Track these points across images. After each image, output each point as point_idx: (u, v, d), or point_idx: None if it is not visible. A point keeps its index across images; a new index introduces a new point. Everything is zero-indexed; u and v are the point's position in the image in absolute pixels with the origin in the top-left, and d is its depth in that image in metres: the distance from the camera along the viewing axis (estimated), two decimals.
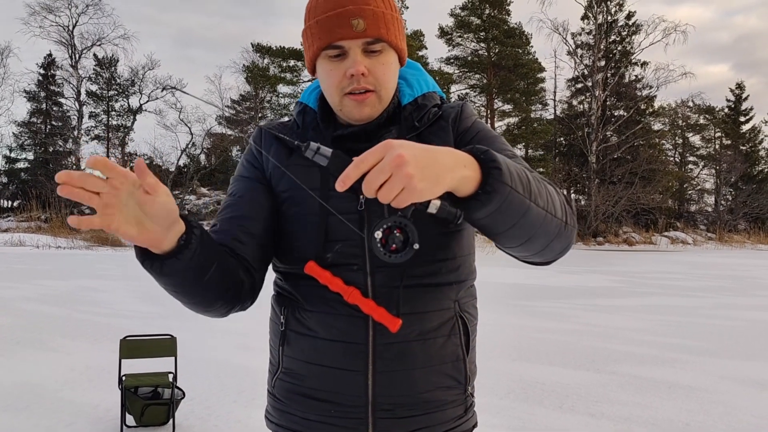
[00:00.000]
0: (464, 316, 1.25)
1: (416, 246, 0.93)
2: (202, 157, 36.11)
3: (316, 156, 0.91)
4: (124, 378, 4.00)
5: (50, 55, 34.60)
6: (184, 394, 4.07)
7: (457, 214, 0.93)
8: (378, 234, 0.93)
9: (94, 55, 34.35)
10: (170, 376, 4.09)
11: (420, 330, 1.19)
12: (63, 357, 5.80)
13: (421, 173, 0.85)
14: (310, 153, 0.91)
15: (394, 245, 0.94)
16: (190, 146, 34.44)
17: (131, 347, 4.08)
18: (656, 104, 35.93)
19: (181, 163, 34.61)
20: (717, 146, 40.88)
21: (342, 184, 0.86)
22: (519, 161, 1.19)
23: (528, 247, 1.07)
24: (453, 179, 0.90)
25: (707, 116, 40.20)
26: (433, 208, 0.91)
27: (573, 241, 1.13)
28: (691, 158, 41.09)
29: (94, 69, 34.80)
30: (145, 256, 1.01)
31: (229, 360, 5.74)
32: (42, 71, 34.53)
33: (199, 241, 1.04)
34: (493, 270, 14.45)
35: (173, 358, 4.14)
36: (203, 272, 1.07)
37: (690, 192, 39.90)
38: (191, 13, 68.32)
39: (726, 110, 40.93)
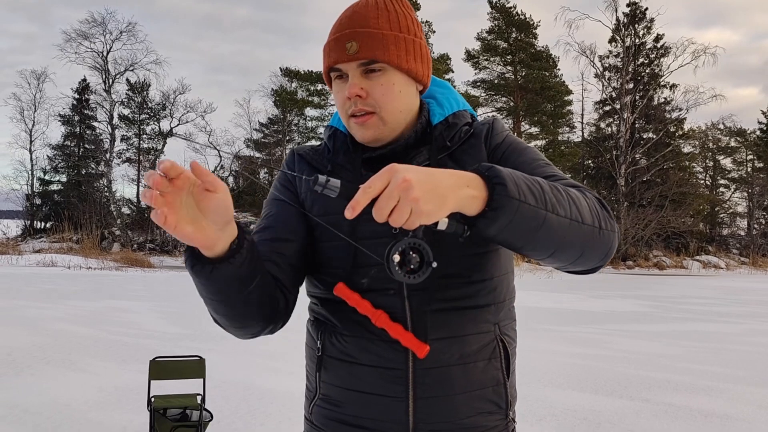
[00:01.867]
0: (504, 339, 1.23)
1: (434, 264, 0.95)
2: (231, 179, 36.49)
3: (325, 189, 0.92)
4: (153, 399, 4.00)
5: (84, 80, 35.40)
6: (212, 416, 4.06)
7: (464, 229, 0.95)
8: (396, 257, 0.94)
9: (127, 80, 35.06)
10: (198, 398, 4.08)
11: (460, 354, 1.17)
12: (92, 377, 5.84)
13: (426, 196, 0.87)
14: (319, 188, 0.92)
15: (411, 266, 0.95)
16: (218, 169, 34.85)
17: (160, 368, 4.08)
18: (686, 126, 35.50)
19: None
20: (749, 169, 40.18)
21: (352, 211, 0.87)
22: (552, 170, 1.18)
23: (559, 258, 1.05)
24: (457, 199, 0.91)
25: (738, 138, 39.58)
26: (441, 226, 0.93)
27: (613, 246, 1.10)
28: (722, 181, 40.41)
29: (126, 93, 35.49)
30: (195, 258, 1.00)
31: (257, 383, 5.72)
32: (76, 96, 35.30)
33: (249, 248, 1.03)
34: (521, 294, 14.23)
35: (202, 379, 4.13)
36: (248, 282, 1.06)
37: (722, 215, 39.18)
38: (223, 42, 69.72)
39: (758, 132, 40.29)
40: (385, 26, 1.17)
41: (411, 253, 0.94)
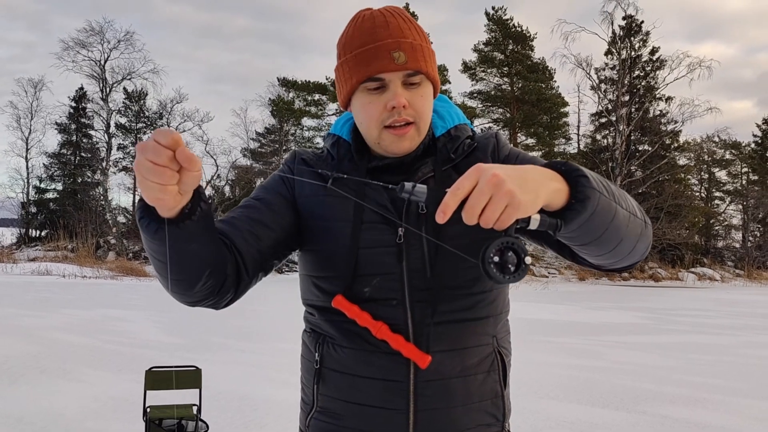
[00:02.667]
0: (502, 352, 1.24)
1: (529, 260, 0.91)
2: (227, 188, 36.47)
3: (412, 195, 0.90)
4: (148, 409, 3.98)
5: (82, 88, 35.41)
6: (207, 426, 4.04)
7: (558, 223, 0.93)
8: (495, 258, 0.89)
9: (124, 88, 35.09)
10: (194, 409, 4.06)
11: (461, 366, 1.17)
12: (87, 387, 5.81)
13: (521, 188, 0.85)
14: (405, 195, 0.89)
15: (510, 266, 0.90)
16: (215, 178, 34.85)
17: (156, 378, 4.07)
18: (681, 139, 35.66)
19: (206, 194, 35.00)
20: (744, 182, 40.33)
21: (443, 215, 0.85)
22: None
23: (618, 251, 1.06)
24: (547, 192, 0.90)
25: (733, 151, 39.75)
26: (534, 224, 0.91)
27: (651, 241, 1.12)
28: (717, 193, 40.55)
29: (123, 102, 35.52)
30: (146, 211, 0.98)
31: (253, 393, 5.70)
32: (73, 104, 35.31)
33: (202, 216, 1.01)
34: (518, 305, 14.25)
35: (197, 390, 4.12)
36: (194, 249, 1.03)
37: (717, 228, 39.27)
38: (222, 51, 69.88)
39: (753, 145, 40.47)
40: (417, 37, 1.18)
41: (509, 252, 0.90)
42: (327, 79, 33.67)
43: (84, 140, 35.53)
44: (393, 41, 1.15)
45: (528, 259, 0.91)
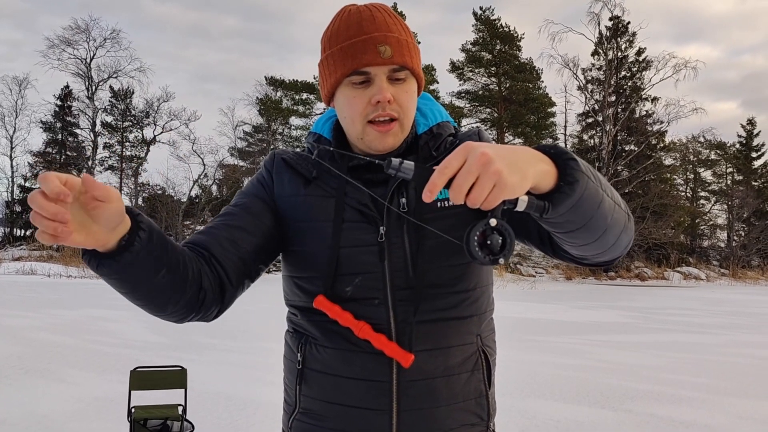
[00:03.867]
0: (486, 351, 1.23)
1: (514, 241, 0.89)
2: (214, 188, 36.33)
3: (399, 172, 0.88)
4: (133, 410, 3.95)
5: (67, 86, 35.17)
6: (193, 427, 4.01)
7: (545, 205, 0.91)
8: (480, 239, 0.88)
9: (110, 87, 34.90)
10: (180, 409, 4.04)
11: (445, 366, 1.16)
12: (71, 387, 5.76)
13: (509, 168, 0.83)
14: (392, 171, 0.88)
15: (494, 247, 0.88)
16: (202, 177, 34.70)
17: (141, 378, 4.03)
18: (667, 139, 35.93)
19: (193, 193, 34.85)
20: (729, 182, 40.71)
21: (429, 194, 0.83)
22: None
23: (602, 242, 1.04)
24: (536, 173, 0.89)
25: (718, 152, 40.11)
26: (521, 205, 0.89)
27: (633, 236, 1.11)
28: (702, 193, 40.91)
29: (109, 101, 35.33)
30: (85, 250, 0.97)
31: (239, 393, 5.67)
32: (59, 102, 35.05)
33: (144, 244, 0.99)
34: (505, 304, 14.33)
35: (183, 390, 4.09)
36: (150, 272, 1.02)
37: (702, 227, 39.62)
38: (210, 50, 69.48)
39: (737, 146, 40.85)
40: (403, 33, 1.17)
41: (494, 233, 0.88)
42: (314, 78, 33.63)
43: (69, 139, 35.30)
44: (380, 35, 1.14)
45: (513, 242, 0.89)
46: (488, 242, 0.88)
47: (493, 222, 0.88)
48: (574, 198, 0.92)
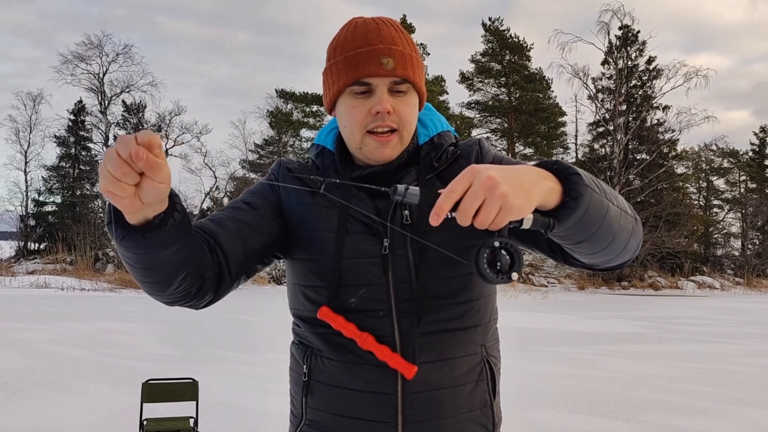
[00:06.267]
0: (490, 360, 1.23)
1: (523, 260, 0.91)
2: (225, 200, 36.45)
3: (405, 198, 0.90)
4: (145, 422, 3.96)
5: (80, 101, 35.46)
6: None
7: (551, 222, 0.93)
8: (488, 258, 0.89)
9: (123, 101, 35.16)
10: (191, 421, 4.04)
11: (450, 377, 1.17)
12: (84, 400, 5.78)
13: (515, 191, 0.85)
14: (398, 197, 0.90)
15: (503, 266, 0.89)
16: (213, 190, 34.86)
17: (153, 391, 4.05)
18: (679, 148, 35.71)
19: (204, 206, 35.00)
20: (742, 189, 40.37)
21: (436, 217, 0.85)
22: None
23: (611, 249, 1.06)
24: (541, 192, 0.90)
25: (731, 160, 39.81)
26: (527, 223, 0.91)
27: (642, 239, 1.12)
28: (716, 202, 40.57)
29: (122, 115, 35.57)
30: (113, 218, 0.96)
31: (250, 405, 5.68)
32: (72, 117, 35.35)
33: (176, 226, 0.99)
34: (516, 315, 14.27)
35: (194, 402, 4.10)
36: (168, 256, 1.01)
37: (716, 236, 39.27)
38: (224, 64, 70.15)
39: (750, 154, 40.55)
40: (408, 47, 1.19)
41: (502, 252, 0.89)
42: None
43: (83, 153, 35.54)
44: (384, 47, 1.15)
45: (521, 259, 0.90)
46: (497, 262, 0.89)
47: (499, 242, 0.89)
48: (579, 212, 0.93)
